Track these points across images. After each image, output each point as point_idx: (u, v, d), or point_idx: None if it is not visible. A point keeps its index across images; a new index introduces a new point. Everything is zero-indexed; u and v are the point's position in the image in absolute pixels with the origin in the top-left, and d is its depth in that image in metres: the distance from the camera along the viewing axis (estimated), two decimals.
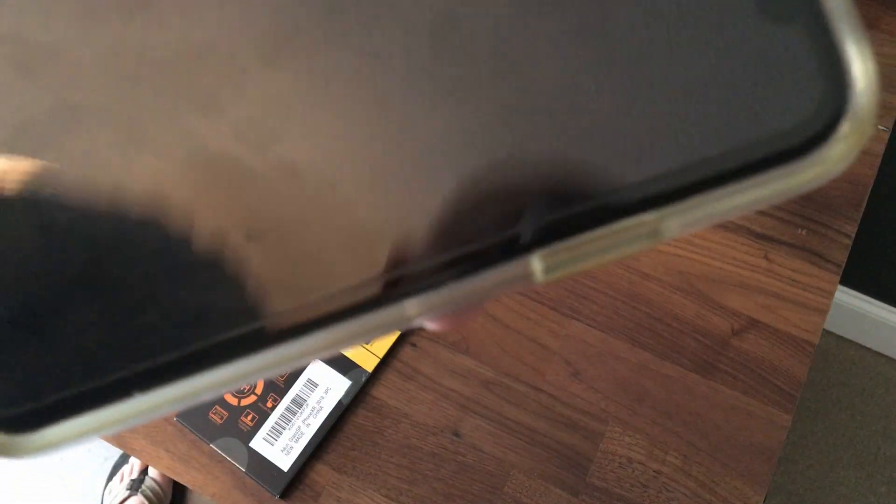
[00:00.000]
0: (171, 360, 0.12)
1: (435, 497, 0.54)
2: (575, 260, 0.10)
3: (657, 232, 0.10)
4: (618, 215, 0.10)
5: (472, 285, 0.11)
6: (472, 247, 0.11)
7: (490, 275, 0.11)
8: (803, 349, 0.57)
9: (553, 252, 0.11)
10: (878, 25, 0.71)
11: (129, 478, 1.26)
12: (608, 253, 0.10)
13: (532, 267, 0.11)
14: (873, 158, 0.64)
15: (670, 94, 0.10)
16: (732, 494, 0.53)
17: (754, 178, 0.10)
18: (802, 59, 0.09)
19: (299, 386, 0.57)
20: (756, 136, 0.09)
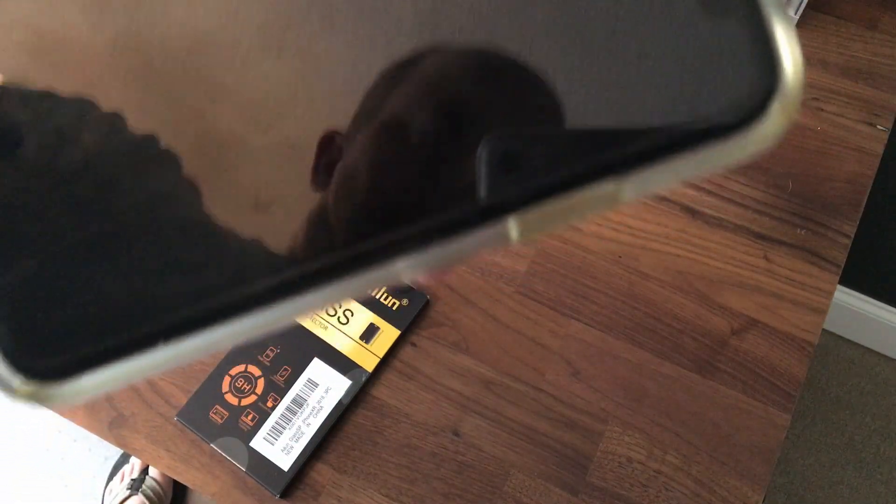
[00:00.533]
0: (192, 312, 0.13)
1: (435, 497, 0.54)
2: (545, 222, 0.12)
3: (616, 197, 0.12)
4: (582, 183, 0.12)
5: (457, 246, 0.13)
6: (456, 212, 0.12)
7: (472, 237, 0.12)
8: (803, 349, 0.57)
9: (525, 216, 0.12)
10: (878, 25, 0.71)
11: (130, 477, 1.26)
12: (573, 216, 0.12)
13: (508, 229, 0.12)
14: (873, 158, 0.64)
15: (625, 78, 0.11)
16: (732, 494, 0.53)
17: (698, 149, 0.11)
18: (738, 46, 0.11)
19: (300, 386, 0.57)
20: (699, 114, 0.11)
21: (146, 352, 0.13)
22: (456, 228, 0.13)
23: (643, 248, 0.61)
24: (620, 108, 0.11)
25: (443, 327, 0.59)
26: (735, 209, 0.62)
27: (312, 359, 0.58)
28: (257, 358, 0.58)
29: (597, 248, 0.61)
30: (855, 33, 0.70)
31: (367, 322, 0.59)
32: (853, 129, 0.66)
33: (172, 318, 0.13)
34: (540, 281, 0.60)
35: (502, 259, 0.61)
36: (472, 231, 0.12)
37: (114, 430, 0.57)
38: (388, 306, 0.59)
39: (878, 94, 0.67)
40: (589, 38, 0.11)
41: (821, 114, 0.67)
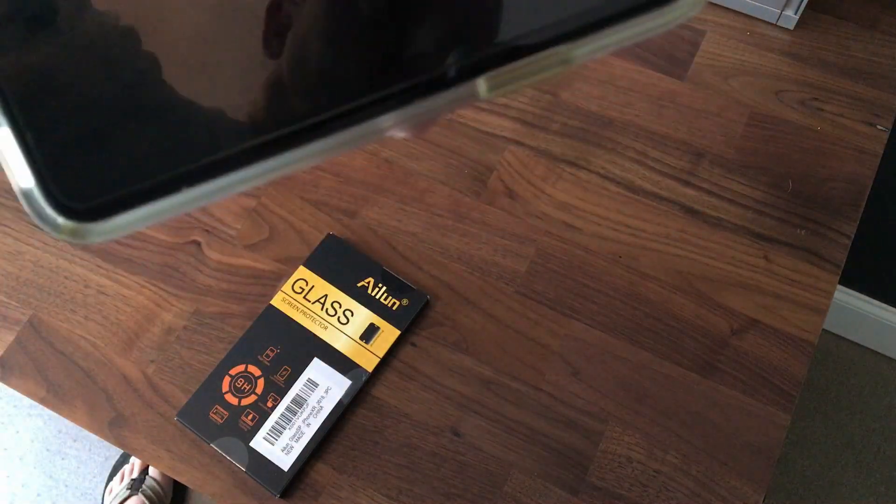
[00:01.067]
0: (208, 162, 0.15)
1: (435, 496, 0.54)
2: (510, 80, 0.15)
3: (568, 59, 0.14)
4: (539, 48, 0.15)
5: (436, 101, 0.15)
6: (434, 73, 0.15)
7: (448, 93, 0.15)
8: (803, 349, 0.57)
9: (493, 76, 0.15)
10: (878, 25, 0.71)
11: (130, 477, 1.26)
12: (533, 75, 0.15)
13: (477, 86, 0.15)
14: (873, 158, 0.64)
15: None
16: (732, 494, 0.53)
17: (632, 17, 0.14)
18: None
19: (300, 386, 0.57)
20: None
21: (170, 195, 0.15)
22: (436, 87, 0.15)
23: (643, 248, 0.61)
24: None
25: (443, 327, 0.59)
26: (735, 209, 0.62)
27: (312, 359, 0.58)
28: (257, 358, 0.58)
29: (597, 248, 0.61)
30: (855, 33, 0.70)
31: (367, 322, 0.59)
32: (853, 129, 0.66)
33: (188, 168, 0.15)
34: (540, 281, 0.60)
35: (502, 259, 0.61)
36: (449, 90, 0.15)
37: (114, 430, 0.57)
38: (388, 306, 0.59)
39: (878, 94, 0.67)
40: None
41: (821, 114, 0.67)
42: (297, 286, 0.60)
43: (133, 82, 0.15)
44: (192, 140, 0.15)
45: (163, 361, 0.59)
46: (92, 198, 0.15)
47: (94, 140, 0.15)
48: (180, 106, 0.15)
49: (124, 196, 0.15)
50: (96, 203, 0.15)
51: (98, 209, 0.15)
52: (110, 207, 0.15)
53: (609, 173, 0.64)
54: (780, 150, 0.65)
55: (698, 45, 0.70)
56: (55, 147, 0.15)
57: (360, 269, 0.60)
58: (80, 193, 0.15)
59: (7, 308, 0.62)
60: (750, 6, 0.71)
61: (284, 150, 0.15)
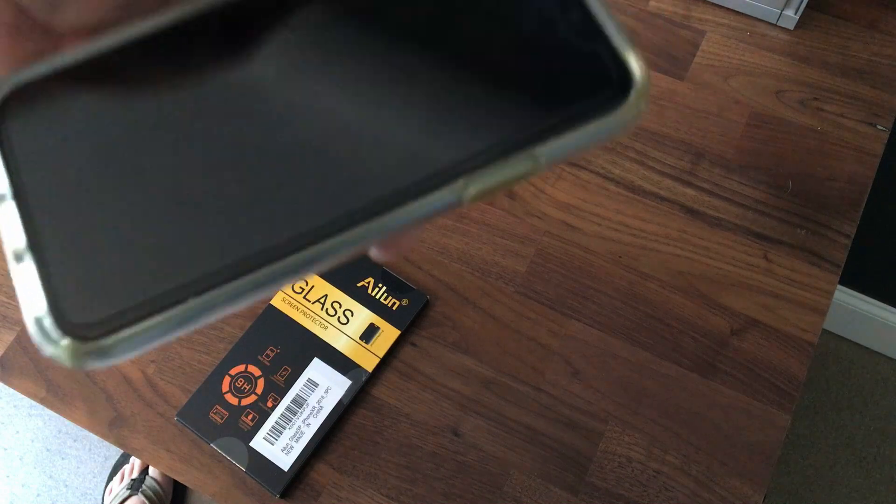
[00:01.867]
0: (211, 273, 0.16)
1: (435, 497, 0.54)
2: (485, 184, 0.16)
3: (535, 158, 0.16)
4: (510, 152, 0.17)
5: (415, 210, 0.16)
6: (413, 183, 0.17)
7: (428, 200, 0.16)
8: (803, 349, 0.57)
9: (470, 181, 0.16)
10: (878, 25, 0.71)
11: (130, 477, 1.26)
12: (509, 174, 0.16)
13: (458, 192, 0.16)
14: (873, 158, 0.64)
15: (527, 87, 0.17)
16: (732, 494, 0.53)
17: (584, 127, 0.17)
18: (601, 60, 0.17)
19: (300, 386, 0.57)
20: (580, 107, 0.17)
21: (175, 308, 0.15)
22: (402, 197, 0.16)
23: (643, 248, 0.61)
24: (528, 106, 0.17)
25: (443, 327, 0.59)
26: (735, 209, 0.62)
27: (312, 359, 0.58)
28: (257, 358, 0.58)
29: (597, 248, 0.61)
30: (855, 33, 0.70)
31: (367, 322, 0.59)
32: (853, 129, 0.66)
33: (197, 278, 0.16)
34: (540, 281, 0.60)
35: (502, 259, 0.61)
36: (426, 198, 0.16)
37: (114, 430, 0.57)
38: (388, 306, 0.59)
39: (878, 94, 0.67)
40: (506, 67, 0.18)
41: (821, 114, 0.67)
42: (297, 286, 0.60)
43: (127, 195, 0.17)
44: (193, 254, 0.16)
45: (163, 361, 0.59)
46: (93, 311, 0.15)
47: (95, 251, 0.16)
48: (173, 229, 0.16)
49: (134, 307, 0.15)
50: (100, 317, 0.15)
51: (103, 324, 0.15)
52: (117, 325, 0.15)
53: (609, 173, 0.64)
54: (780, 150, 0.65)
55: (698, 45, 0.70)
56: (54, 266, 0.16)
57: (360, 269, 0.61)
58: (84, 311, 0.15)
59: (7, 308, 0.62)
60: (750, 6, 0.71)
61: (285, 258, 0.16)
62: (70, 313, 0.15)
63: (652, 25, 0.72)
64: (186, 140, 0.17)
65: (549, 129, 0.17)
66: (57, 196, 0.17)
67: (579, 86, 0.17)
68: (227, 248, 0.16)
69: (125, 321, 0.15)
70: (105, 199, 0.17)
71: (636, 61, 0.17)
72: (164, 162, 0.17)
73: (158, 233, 0.16)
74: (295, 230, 0.16)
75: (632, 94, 0.17)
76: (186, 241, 0.16)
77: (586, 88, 0.17)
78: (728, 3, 0.71)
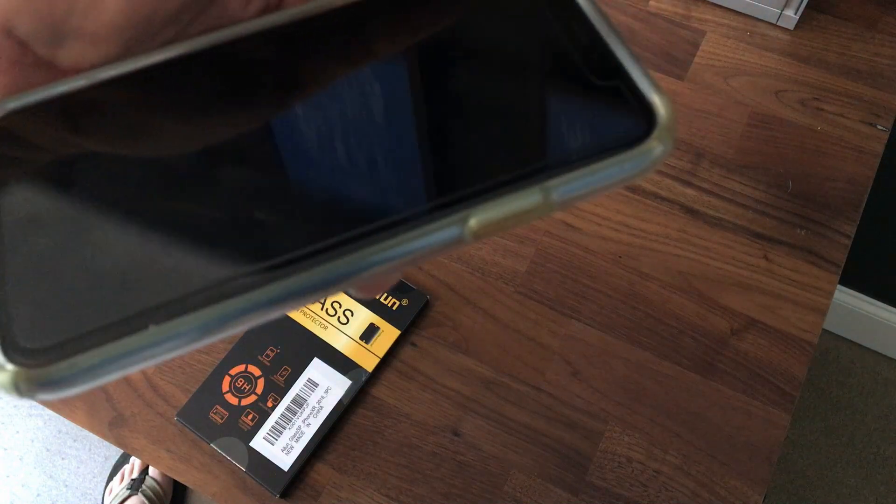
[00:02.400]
0: (179, 297, 0.14)
1: (435, 497, 0.54)
2: (493, 213, 0.15)
3: (548, 196, 0.15)
4: (518, 185, 0.16)
5: (420, 245, 0.15)
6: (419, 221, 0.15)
7: (434, 237, 0.15)
8: (803, 349, 0.57)
9: (478, 212, 0.15)
10: (878, 25, 0.71)
11: (130, 477, 1.26)
12: (517, 208, 0.15)
13: (463, 230, 0.15)
14: (873, 158, 0.64)
15: (543, 122, 0.17)
16: (732, 494, 0.53)
17: (602, 164, 0.16)
18: (622, 97, 0.17)
19: (300, 386, 0.57)
20: (606, 143, 0.16)
21: (136, 334, 0.14)
22: (406, 229, 0.15)
23: (643, 248, 0.61)
24: (553, 142, 0.17)
25: (443, 327, 0.59)
26: (735, 209, 0.62)
27: (312, 359, 0.58)
28: (257, 358, 0.58)
29: (597, 248, 0.61)
30: (855, 33, 0.70)
31: (367, 322, 0.59)
32: (853, 129, 0.66)
33: (162, 302, 0.14)
34: (540, 281, 0.60)
35: (502, 259, 0.61)
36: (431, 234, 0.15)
37: (114, 430, 0.57)
38: (388, 306, 0.59)
39: (878, 94, 0.67)
40: (530, 110, 0.17)
41: (821, 114, 0.67)
42: None
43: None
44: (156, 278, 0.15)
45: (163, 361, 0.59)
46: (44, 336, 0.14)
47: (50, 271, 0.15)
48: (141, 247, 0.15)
49: (89, 332, 0.14)
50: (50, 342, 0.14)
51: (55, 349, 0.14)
52: (70, 347, 0.14)
53: None
54: (780, 150, 0.65)
55: (698, 45, 0.70)
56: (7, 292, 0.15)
57: None
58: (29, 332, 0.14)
59: None
60: (750, 6, 0.71)
61: (260, 288, 0.14)
62: (19, 338, 0.14)
63: (652, 25, 0.72)
64: (156, 171, 0.16)
65: (563, 164, 0.16)
66: (18, 220, 0.16)
67: (599, 123, 0.16)
68: (194, 276, 0.15)
69: (78, 348, 0.14)
70: (65, 221, 0.16)
71: (660, 98, 0.16)
72: (128, 190, 0.16)
73: (118, 258, 0.15)
74: (270, 261, 0.15)
75: (655, 132, 0.16)
76: (150, 267, 0.15)
77: (606, 125, 0.16)
78: (728, 3, 0.71)
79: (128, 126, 0.17)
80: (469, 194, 0.15)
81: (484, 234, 0.15)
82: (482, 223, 0.15)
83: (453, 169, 0.16)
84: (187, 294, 0.14)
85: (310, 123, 0.17)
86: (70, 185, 0.16)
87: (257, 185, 0.16)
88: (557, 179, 0.16)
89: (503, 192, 0.15)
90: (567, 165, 0.16)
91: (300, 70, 0.18)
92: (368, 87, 0.17)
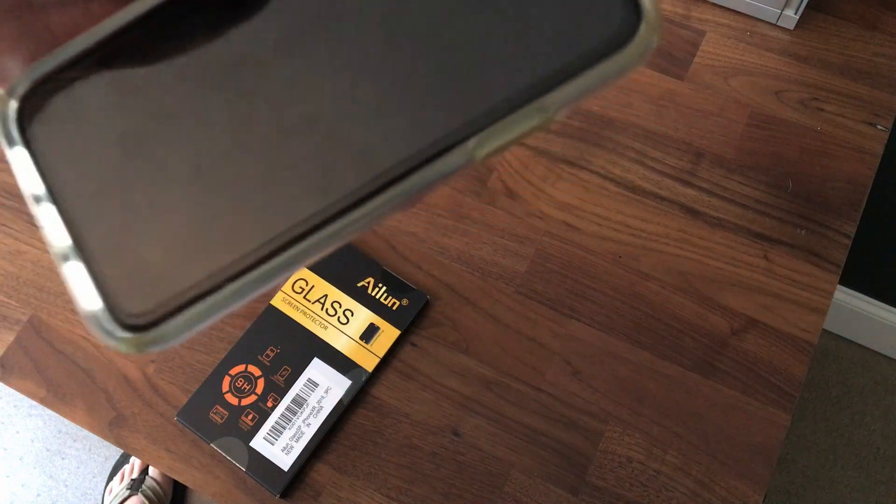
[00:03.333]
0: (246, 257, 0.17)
1: (435, 496, 0.54)
2: (497, 138, 0.16)
3: (544, 109, 0.16)
4: (520, 104, 0.16)
5: (430, 173, 0.17)
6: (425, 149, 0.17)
7: (441, 163, 0.16)
8: (803, 349, 0.57)
9: (483, 137, 0.16)
10: (878, 25, 0.71)
11: (130, 477, 1.26)
12: (519, 128, 0.16)
13: (470, 150, 0.16)
14: (873, 158, 0.64)
15: (538, 32, 0.17)
16: (732, 494, 0.53)
17: (595, 66, 0.16)
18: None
19: (300, 386, 0.57)
20: (590, 44, 0.16)
21: (220, 292, 0.16)
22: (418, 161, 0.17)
23: (643, 248, 0.61)
24: (538, 52, 0.17)
25: (443, 327, 0.59)
26: (735, 209, 0.62)
27: (312, 359, 0.58)
28: (257, 358, 0.58)
29: (597, 248, 0.61)
30: (855, 33, 0.70)
31: (367, 322, 0.59)
32: (853, 129, 0.66)
33: (234, 265, 0.17)
34: (540, 281, 0.60)
35: (502, 259, 0.61)
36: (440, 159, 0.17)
37: (114, 430, 0.57)
38: (387, 306, 0.59)
39: (878, 94, 0.67)
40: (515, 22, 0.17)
41: (821, 114, 0.67)
42: (298, 286, 0.60)
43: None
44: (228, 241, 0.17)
45: (163, 361, 0.59)
46: (148, 305, 0.17)
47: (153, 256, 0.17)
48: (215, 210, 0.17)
49: (181, 301, 0.16)
50: (153, 310, 0.17)
51: (154, 316, 0.16)
52: (167, 312, 0.16)
53: (609, 173, 0.65)
54: (780, 150, 0.65)
55: (698, 45, 0.70)
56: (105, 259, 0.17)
57: (360, 269, 0.61)
58: (136, 302, 0.17)
59: (7, 308, 0.62)
60: (750, 6, 0.71)
61: (312, 235, 0.17)
62: (123, 306, 0.16)
63: None
64: (207, 123, 0.18)
65: (555, 76, 0.16)
66: (92, 190, 0.17)
67: (583, 26, 0.16)
68: (261, 229, 0.17)
69: (176, 307, 0.16)
70: (140, 188, 0.17)
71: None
72: (189, 147, 0.17)
73: (195, 218, 0.17)
74: (316, 207, 0.17)
75: (641, 28, 0.16)
76: (223, 225, 0.17)
77: (591, 27, 0.16)
78: (728, 3, 0.71)
79: (168, 71, 0.18)
80: (472, 122, 0.17)
81: (492, 156, 0.17)
82: (488, 151, 0.17)
83: (452, 98, 0.17)
84: (253, 250, 0.17)
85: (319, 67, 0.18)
86: (128, 146, 0.18)
87: (298, 134, 0.17)
88: (550, 96, 0.16)
89: (503, 116, 0.16)
90: (558, 77, 0.16)
91: (299, 18, 0.18)
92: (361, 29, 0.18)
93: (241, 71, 0.18)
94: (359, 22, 0.18)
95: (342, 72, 0.17)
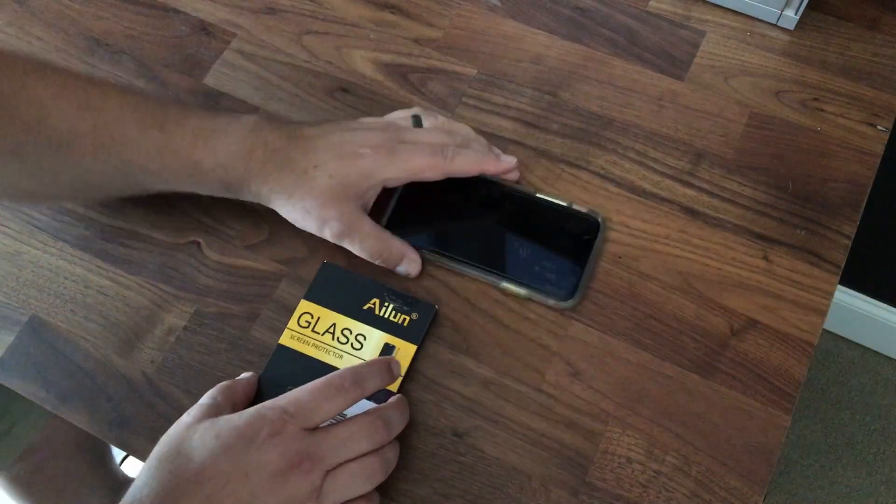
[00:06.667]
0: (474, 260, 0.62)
1: (435, 497, 0.54)
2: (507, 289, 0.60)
3: (520, 292, 0.60)
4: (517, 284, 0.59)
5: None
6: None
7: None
8: (803, 349, 0.57)
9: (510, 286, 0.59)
10: (878, 26, 0.71)
11: None
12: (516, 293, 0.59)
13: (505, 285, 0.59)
14: (873, 158, 0.64)
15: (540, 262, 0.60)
16: (732, 494, 0.53)
17: (543, 293, 0.59)
18: (571, 274, 0.59)
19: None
20: (552, 285, 0.59)
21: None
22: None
23: (643, 248, 0.61)
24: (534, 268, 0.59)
25: (443, 328, 0.59)
26: (735, 209, 0.62)
27: None
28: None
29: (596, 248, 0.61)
30: (855, 33, 0.70)
31: (382, 343, 0.57)
32: (854, 130, 0.66)
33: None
34: None
35: None
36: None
37: (114, 430, 0.57)
38: (398, 323, 0.58)
39: (878, 94, 0.67)
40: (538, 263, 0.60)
41: (821, 114, 0.67)
42: (303, 320, 0.58)
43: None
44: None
45: (163, 362, 0.59)
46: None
47: None
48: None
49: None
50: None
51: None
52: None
53: (609, 173, 0.65)
54: (780, 150, 0.65)
55: (698, 45, 0.70)
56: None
57: (364, 291, 0.59)
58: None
59: (7, 308, 0.62)
60: (750, 6, 0.71)
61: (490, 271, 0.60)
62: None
63: (652, 25, 0.72)
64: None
65: (529, 279, 0.58)
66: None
67: (556, 272, 0.58)
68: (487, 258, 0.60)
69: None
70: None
71: (582, 288, 0.57)
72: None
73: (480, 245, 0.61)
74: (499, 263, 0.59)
75: (576, 295, 0.57)
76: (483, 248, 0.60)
77: (558, 276, 0.58)
78: (728, 3, 0.71)
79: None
80: (506, 274, 0.59)
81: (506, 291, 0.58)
82: (506, 288, 0.58)
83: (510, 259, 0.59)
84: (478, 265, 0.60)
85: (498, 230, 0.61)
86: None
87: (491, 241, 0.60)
88: (523, 287, 0.58)
89: (514, 282, 0.58)
90: (531, 282, 0.58)
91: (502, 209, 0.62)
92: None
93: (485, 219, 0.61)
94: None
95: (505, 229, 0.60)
